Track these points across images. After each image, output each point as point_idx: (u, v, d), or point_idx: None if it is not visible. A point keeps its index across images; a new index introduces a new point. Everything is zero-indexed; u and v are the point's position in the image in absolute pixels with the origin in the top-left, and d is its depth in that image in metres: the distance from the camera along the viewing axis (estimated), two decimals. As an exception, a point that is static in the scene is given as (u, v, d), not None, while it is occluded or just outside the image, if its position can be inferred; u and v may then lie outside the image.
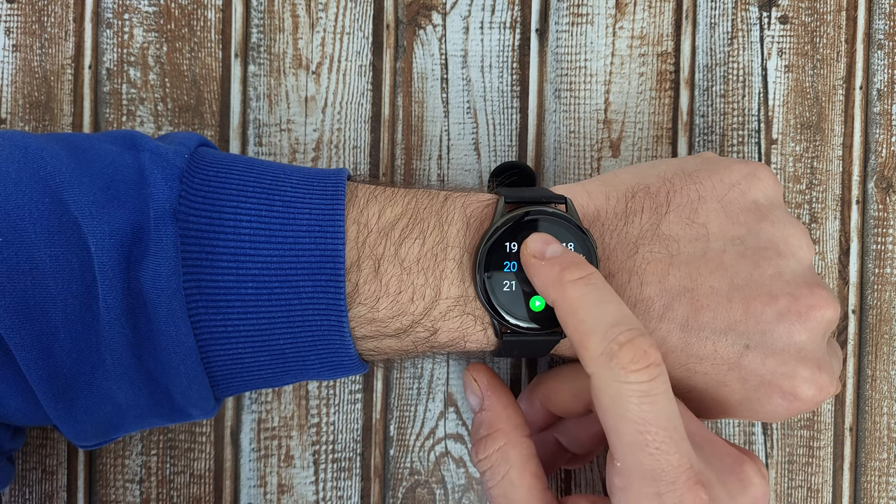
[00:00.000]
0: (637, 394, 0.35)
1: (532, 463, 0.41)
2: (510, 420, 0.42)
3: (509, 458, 0.41)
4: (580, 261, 0.38)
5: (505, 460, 0.41)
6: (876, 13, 0.52)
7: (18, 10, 0.50)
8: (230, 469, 0.50)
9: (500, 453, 0.41)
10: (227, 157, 0.41)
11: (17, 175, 0.37)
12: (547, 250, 0.39)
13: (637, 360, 0.35)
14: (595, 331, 0.36)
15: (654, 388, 0.35)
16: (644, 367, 0.35)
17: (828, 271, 0.52)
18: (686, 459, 0.35)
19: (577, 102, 0.51)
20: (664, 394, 0.35)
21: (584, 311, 0.36)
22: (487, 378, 0.44)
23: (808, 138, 0.52)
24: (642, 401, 0.35)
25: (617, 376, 0.35)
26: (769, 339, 0.40)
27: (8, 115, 0.50)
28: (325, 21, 0.50)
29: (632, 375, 0.35)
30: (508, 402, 0.43)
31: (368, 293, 0.39)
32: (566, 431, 0.46)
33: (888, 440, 0.52)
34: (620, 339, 0.35)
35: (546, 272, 0.38)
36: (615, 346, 0.35)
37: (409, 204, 0.40)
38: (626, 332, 0.35)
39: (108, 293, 0.36)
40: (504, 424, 0.42)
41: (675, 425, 0.35)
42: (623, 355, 0.35)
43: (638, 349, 0.35)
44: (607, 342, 0.35)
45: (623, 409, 0.35)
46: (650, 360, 0.35)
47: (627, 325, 0.35)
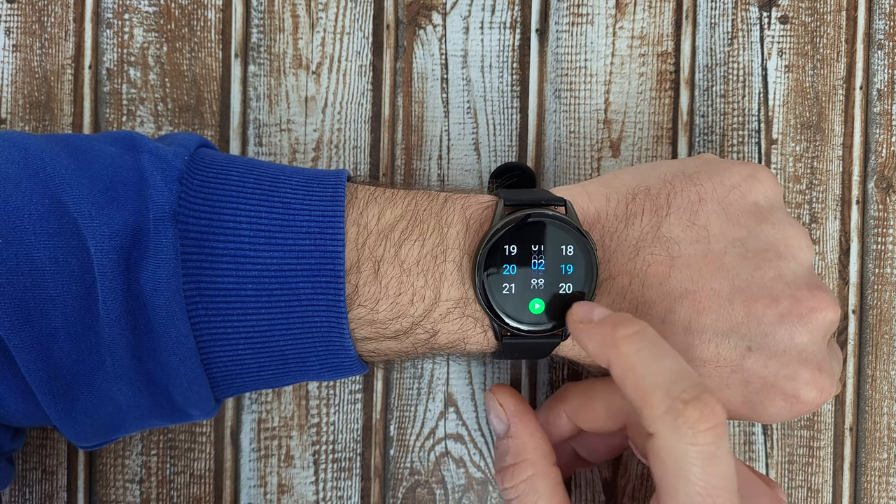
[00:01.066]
0: (703, 456, 0.34)
1: (559, 492, 0.41)
2: (537, 449, 0.42)
3: (538, 489, 0.41)
4: (630, 317, 0.37)
5: (533, 491, 0.41)
6: (876, 13, 0.52)
7: (18, 10, 0.50)
8: (230, 469, 0.50)
9: (528, 484, 0.41)
10: (226, 158, 0.41)
11: (17, 176, 0.37)
12: (594, 314, 0.38)
13: (705, 419, 0.34)
14: (657, 387, 0.35)
15: (719, 449, 0.34)
16: (711, 427, 0.34)
17: (828, 271, 0.52)
18: None
19: (577, 102, 0.51)
20: (727, 455, 0.34)
21: (643, 367, 0.36)
22: (514, 404, 0.43)
23: (808, 138, 0.52)
24: (707, 463, 0.34)
25: (683, 437, 0.34)
26: (771, 341, 0.40)
27: (8, 115, 0.50)
28: (325, 21, 0.50)
29: (699, 436, 0.34)
30: (535, 430, 0.43)
31: (368, 295, 0.39)
32: (585, 443, 0.46)
33: (888, 440, 0.52)
34: (685, 396, 0.34)
35: (597, 332, 0.37)
36: (680, 405, 0.34)
37: (409, 205, 0.40)
38: (690, 389, 0.34)
39: (108, 295, 0.36)
40: (532, 454, 0.42)
41: (734, 487, 0.34)
42: (689, 414, 0.34)
43: (705, 407, 0.34)
44: (671, 399, 0.34)
45: (686, 471, 0.34)
46: (717, 418, 0.34)
47: (691, 381, 0.34)
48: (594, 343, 0.38)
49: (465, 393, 0.50)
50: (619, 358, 0.36)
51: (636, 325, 0.37)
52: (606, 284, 0.40)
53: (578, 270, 0.39)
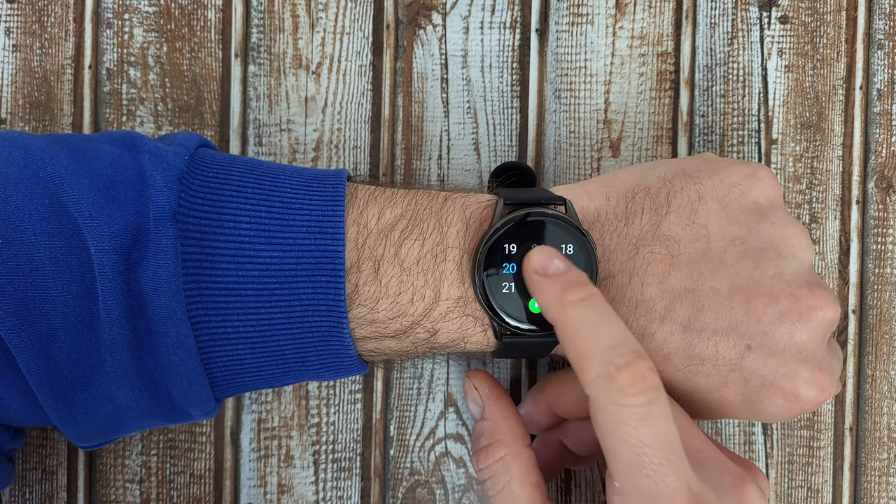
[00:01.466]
0: (634, 417, 0.35)
1: (532, 473, 0.41)
2: (511, 430, 0.42)
3: (510, 469, 0.41)
4: (582, 280, 0.38)
5: (506, 471, 0.41)
6: (876, 13, 0.52)
7: (18, 10, 0.50)
8: (230, 469, 0.50)
9: (501, 463, 0.41)
10: (226, 157, 0.41)
11: (17, 176, 0.37)
12: (550, 266, 0.38)
13: (635, 383, 0.35)
14: (594, 353, 0.36)
15: (652, 411, 0.35)
16: (642, 391, 0.35)
17: (828, 271, 0.52)
18: (683, 481, 0.35)
19: (577, 102, 0.51)
20: (662, 416, 0.35)
21: (584, 332, 0.36)
22: (488, 386, 0.44)
23: (808, 138, 0.52)
24: (640, 423, 0.35)
25: (614, 399, 0.35)
26: (770, 339, 0.40)
27: (8, 115, 0.50)
28: (325, 21, 0.50)
29: (629, 399, 0.35)
30: (509, 412, 0.43)
31: (368, 294, 0.39)
32: (570, 433, 0.46)
33: (888, 440, 0.52)
34: (618, 361, 0.35)
35: (548, 290, 0.38)
36: (613, 369, 0.35)
37: (409, 205, 0.40)
38: (625, 355, 0.35)
39: (108, 295, 0.36)
40: (505, 435, 0.42)
41: (672, 447, 0.35)
42: (621, 378, 0.35)
43: (636, 372, 0.35)
44: (605, 365, 0.35)
45: (620, 432, 0.35)
46: (648, 383, 0.35)
47: (627, 348, 0.35)
48: (542, 298, 0.38)
49: (465, 393, 0.50)
50: (564, 321, 0.37)
51: (585, 291, 0.37)
52: (606, 283, 0.40)
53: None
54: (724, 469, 0.39)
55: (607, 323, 0.37)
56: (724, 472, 0.39)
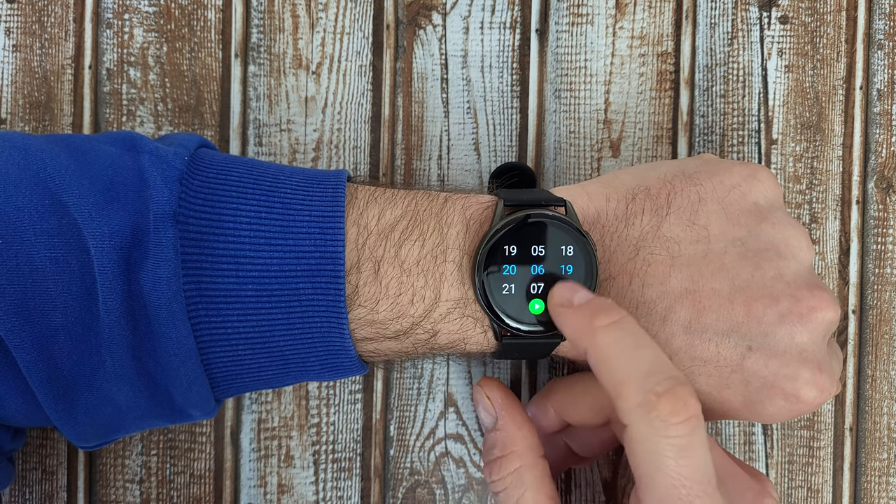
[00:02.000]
0: (676, 448, 0.34)
1: (547, 484, 0.41)
2: (525, 441, 0.42)
3: (525, 481, 0.41)
4: (609, 305, 0.37)
5: (520, 483, 0.41)
6: (876, 13, 0.52)
7: (18, 10, 0.50)
8: (230, 469, 0.50)
9: (516, 476, 0.41)
10: (226, 158, 0.41)
11: (17, 177, 0.37)
12: (574, 298, 0.38)
13: (677, 412, 0.34)
14: (631, 379, 0.35)
15: (693, 442, 0.34)
16: (684, 420, 0.34)
17: (828, 271, 0.52)
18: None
19: (577, 102, 0.51)
20: (702, 447, 0.34)
21: (618, 358, 0.36)
22: (501, 396, 0.43)
23: (808, 138, 0.52)
24: (680, 455, 0.34)
25: (656, 430, 0.34)
26: (771, 340, 0.40)
27: (8, 115, 0.50)
28: (325, 21, 0.50)
29: (672, 429, 0.34)
30: (523, 422, 0.43)
31: (368, 295, 0.39)
32: (576, 437, 0.46)
33: (888, 440, 0.52)
34: (658, 389, 0.34)
35: (575, 319, 0.37)
36: (653, 397, 0.34)
37: (409, 206, 0.40)
38: (664, 382, 0.34)
39: (108, 295, 0.36)
40: (519, 446, 0.42)
41: (709, 479, 0.34)
42: (662, 407, 0.34)
43: (678, 400, 0.34)
44: (644, 392, 0.34)
45: (660, 463, 0.34)
46: (690, 411, 0.34)
47: (665, 374, 0.35)
48: (571, 329, 0.38)
49: (465, 393, 0.50)
50: (595, 348, 0.36)
51: (614, 315, 0.37)
52: (606, 284, 0.40)
53: (578, 271, 0.39)
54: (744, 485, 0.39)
55: (641, 346, 0.36)
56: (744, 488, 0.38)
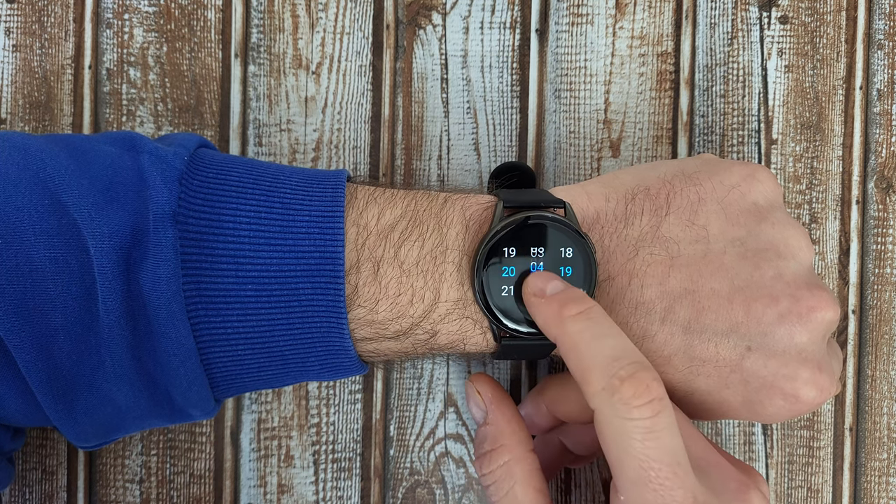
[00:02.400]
0: (640, 430, 0.34)
1: (536, 478, 0.41)
2: (514, 435, 0.42)
3: (514, 474, 0.41)
4: (579, 296, 0.38)
5: (509, 476, 0.41)
6: (876, 13, 0.52)
7: (18, 10, 0.50)
8: (230, 469, 0.50)
9: (505, 469, 0.41)
10: (226, 158, 0.41)
11: (17, 177, 0.37)
12: (547, 288, 0.38)
13: (640, 395, 0.34)
14: (595, 366, 0.35)
15: (658, 424, 0.34)
16: (647, 403, 0.34)
17: (828, 271, 0.52)
18: (690, 494, 0.35)
19: (577, 102, 0.51)
20: (668, 428, 0.35)
21: (584, 345, 0.36)
22: (491, 390, 0.44)
23: (808, 138, 0.52)
24: (645, 437, 0.34)
25: (619, 412, 0.35)
26: (770, 340, 0.40)
27: (8, 115, 0.50)
28: (325, 21, 0.50)
29: (635, 411, 0.34)
30: (512, 416, 0.43)
31: (368, 295, 0.39)
32: (570, 434, 0.46)
33: (888, 440, 0.52)
34: (621, 373, 0.35)
35: (546, 309, 0.38)
36: (616, 381, 0.35)
37: (409, 206, 0.40)
38: (628, 367, 0.35)
39: (108, 295, 0.36)
40: (508, 440, 0.42)
41: (678, 460, 0.35)
42: (625, 390, 0.34)
43: (640, 384, 0.34)
44: (608, 377, 0.35)
45: (626, 445, 0.35)
46: (653, 394, 0.34)
47: (629, 359, 0.35)
48: (542, 318, 0.38)
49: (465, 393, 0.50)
50: (563, 336, 0.37)
51: (582, 305, 0.37)
52: (606, 285, 0.40)
53: (577, 272, 0.39)
54: (728, 476, 0.39)
55: (608, 335, 0.36)
56: (727, 478, 0.39)
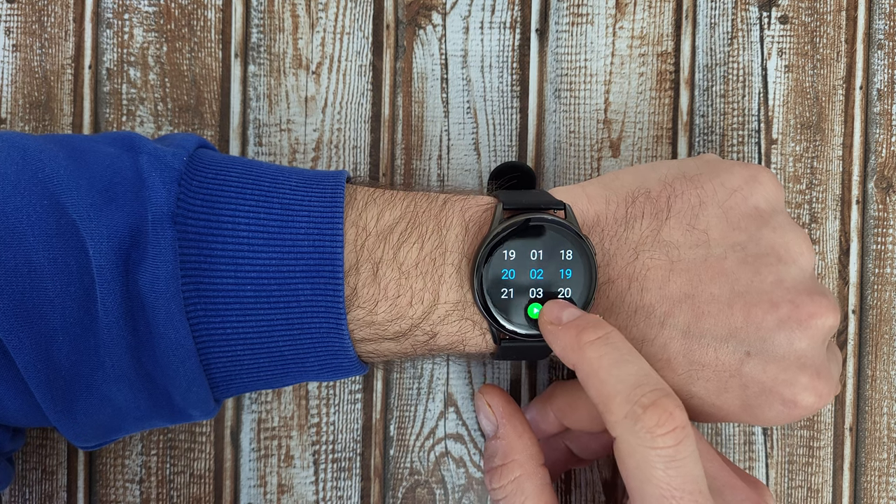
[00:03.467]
0: (663, 459, 0.34)
1: (546, 493, 0.41)
2: (525, 450, 0.42)
3: (524, 490, 0.41)
4: (596, 321, 0.38)
5: (520, 491, 0.41)
6: (876, 13, 0.52)
7: (18, 10, 0.50)
8: (230, 469, 0.50)
9: (516, 484, 0.41)
10: (225, 159, 0.41)
11: (16, 177, 0.37)
12: (563, 315, 0.38)
13: (663, 423, 0.34)
14: (617, 393, 0.35)
15: (681, 452, 0.34)
16: (670, 431, 0.34)
17: (828, 271, 0.52)
18: None
19: (577, 102, 0.51)
20: (690, 456, 0.35)
21: (605, 372, 0.36)
22: (502, 404, 0.43)
23: (808, 138, 0.52)
24: (668, 466, 0.34)
25: (643, 441, 0.34)
26: (770, 346, 0.40)
27: (8, 115, 0.50)
28: (325, 21, 0.50)
29: (658, 440, 0.34)
30: (523, 430, 0.43)
31: (367, 297, 0.39)
32: (577, 440, 0.46)
33: (888, 440, 0.52)
34: (644, 401, 0.34)
35: (564, 336, 0.38)
36: (639, 410, 0.34)
37: (408, 207, 0.40)
38: (650, 394, 0.35)
39: (107, 296, 0.36)
40: (519, 455, 0.42)
41: (700, 488, 0.35)
42: (648, 419, 0.34)
43: (663, 412, 0.34)
44: (631, 405, 0.35)
45: (649, 475, 0.35)
46: (676, 422, 0.34)
47: (651, 386, 0.35)
48: (560, 346, 0.38)
49: (465, 393, 0.50)
50: (582, 363, 0.37)
51: (601, 330, 0.37)
52: (605, 288, 0.40)
53: (577, 275, 0.39)
54: (741, 496, 0.39)
55: (628, 361, 0.36)
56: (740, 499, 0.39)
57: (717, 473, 0.39)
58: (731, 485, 0.39)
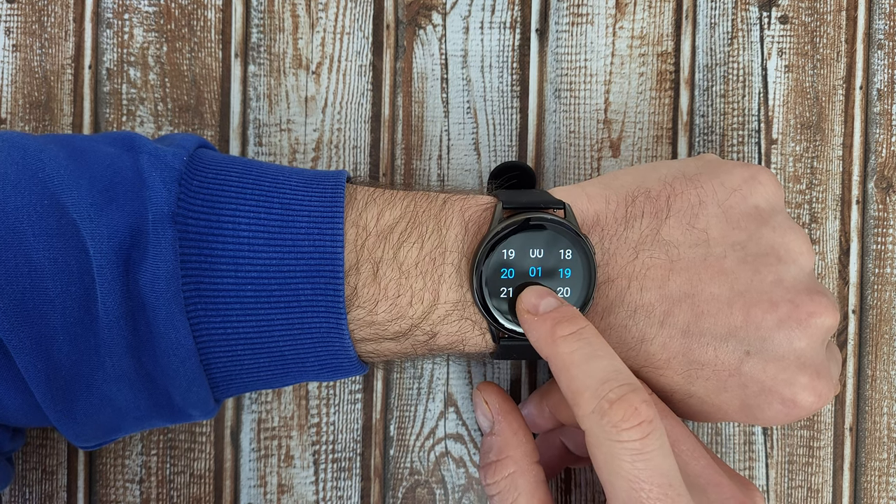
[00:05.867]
0: (630, 452, 0.35)
1: (540, 490, 0.41)
2: (520, 447, 0.42)
3: (518, 486, 0.41)
4: (572, 315, 0.38)
5: (514, 487, 0.41)
6: (876, 13, 0.52)
7: (18, 10, 0.50)
8: (230, 469, 0.50)
9: (509, 480, 0.41)
10: (225, 158, 0.41)
11: (16, 177, 0.37)
12: (541, 305, 0.38)
13: (628, 417, 0.34)
14: (586, 388, 0.36)
15: (648, 446, 0.35)
16: (636, 425, 0.34)
17: (828, 271, 0.52)
18: None
19: (577, 102, 0.51)
20: (658, 450, 0.35)
21: (575, 367, 0.36)
22: (499, 401, 0.44)
23: (808, 138, 0.52)
24: (635, 458, 0.34)
25: (609, 434, 0.35)
26: (769, 345, 0.40)
27: (8, 115, 0.50)
28: (325, 21, 0.50)
29: (624, 434, 0.34)
30: (519, 427, 0.43)
31: (367, 296, 0.39)
32: (572, 436, 0.46)
33: (888, 440, 0.52)
34: (611, 396, 0.35)
35: (539, 328, 0.38)
36: (605, 404, 0.35)
37: (408, 207, 0.40)
38: (617, 389, 0.35)
39: (107, 296, 0.36)
40: (514, 451, 0.42)
41: (670, 481, 0.35)
42: (614, 413, 0.34)
43: (629, 406, 0.34)
44: (598, 399, 0.35)
45: (616, 467, 0.35)
46: (642, 416, 0.34)
47: (618, 381, 0.35)
48: (535, 337, 0.38)
49: (465, 393, 0.50)
50: (555, 356, 0.37)
51: (575, 325, 0.37)
52: (605, 287, 0.40)
53: (577, 274, 0.39)
54: (726, 494, 0.39)
55: (599, 356, 0.36)
56: (725, 497, 0.39)
57: (702, 472, 0.39)
58: (715, 483, 0.39)
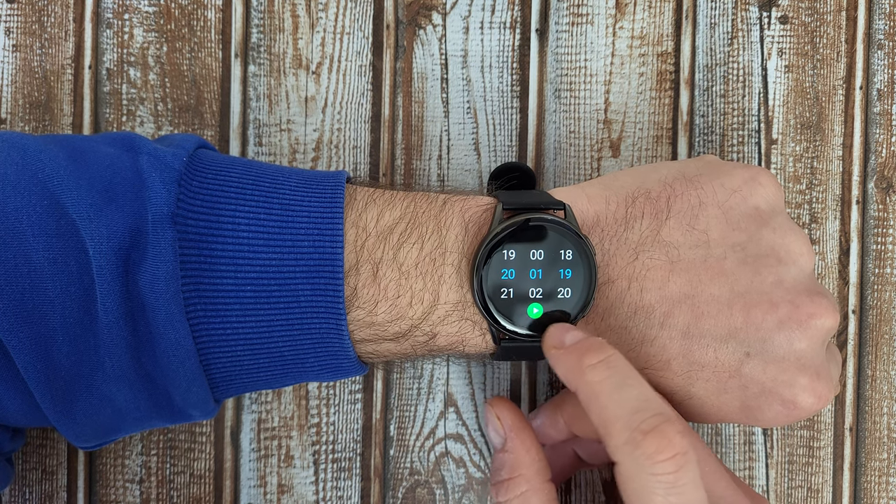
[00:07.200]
0: (664, 486, 0.34)
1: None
2: (532, 465, 0.42)
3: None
4: (598, 344, 0.37)
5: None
6: (876, 13, 0.52)
7: (18, 10, 0.50)
8: (230, 469, 0.50)
9: (522, 499, 0.41)
10: (225, 159, 0.41)
11: (16, 177, 0.37)
12: (566, 338, 0.38)
13: (662, 449, 0.34)
14: (617, 418, 0.35)
15: (681, 479, 0.34)
16: (670, 458, 0.34)
17: (828, 271, 0.52)
18: None
19: (577, 102, 0.51)
20: (691, 483, 0.34)
21: (605, 396, 0.36)
22: (511, 417, 0.43)
23: (808, 138, 0.52)
24: (669, 492, 0.34)
25: (643, 467, 0.34)
26: (769, 346, 0.40)
27: (8, 115, 0.50)
28: (325, 21, 0.50)
29: (658, 466, 0.34)
30: (531, 445, 0.43)
31: (367, 297, 0.39)
32: (585, 446, 0.46)
33: (888, 440, 0.52)
34: (644, 427, 0.34)
35: (566, 360, 0.38)
36: (639, 435, 0.34)
37: (408, 207, 0.40)
38: (650, 420, 0.34)
39: (107, 296, 0.36)
40: (526, 469, 0.42)
41: None
42: (648, 445, 0.34)
43: (663, 438, 0.34)
44: (631, 430, 0.34)
45: (649, 500, 0.34)
46: (676, 448, 0.34)
47: (651, 411, 0.35)
48: (563, 370, 0.38)
49: (465, 393, 0.50)
50: (584, 386, 0.37)
51: (602, 353, 0.37)
52: (605, 288, 0.40)
53: (577, 275, 0.39)
54: None
55: (629, 385, 0.36)
56: None
57: (724, 493, 0.39)
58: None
